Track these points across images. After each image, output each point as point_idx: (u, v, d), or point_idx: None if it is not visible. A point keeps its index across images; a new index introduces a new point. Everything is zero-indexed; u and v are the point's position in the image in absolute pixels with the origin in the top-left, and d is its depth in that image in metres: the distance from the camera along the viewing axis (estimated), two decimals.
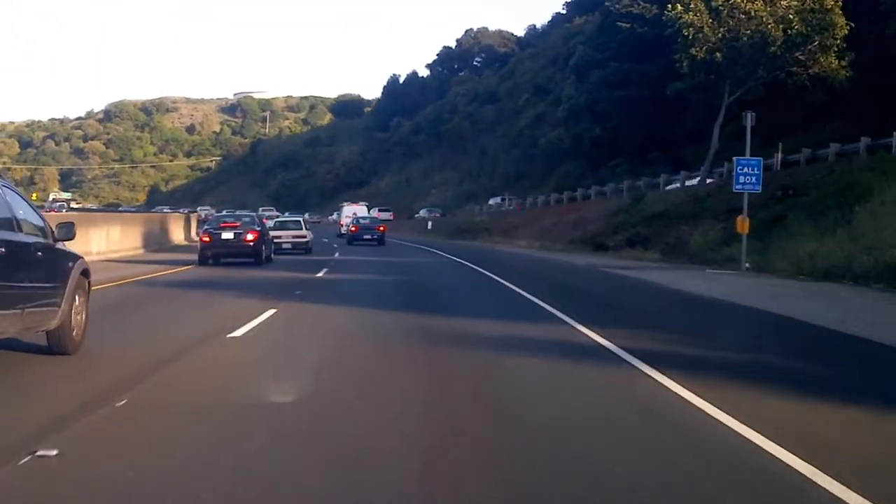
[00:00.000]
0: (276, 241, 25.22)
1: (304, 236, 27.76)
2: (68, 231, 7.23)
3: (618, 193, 36.29)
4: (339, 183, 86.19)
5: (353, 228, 36.08)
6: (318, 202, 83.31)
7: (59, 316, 6.67)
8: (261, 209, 65.72)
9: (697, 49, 23.96)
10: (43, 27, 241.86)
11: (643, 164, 44.11)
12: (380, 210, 61.63)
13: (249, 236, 20.55)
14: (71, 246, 7.71)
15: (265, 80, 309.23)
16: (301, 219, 31.79)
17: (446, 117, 78.93)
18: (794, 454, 4.18)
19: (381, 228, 35.86)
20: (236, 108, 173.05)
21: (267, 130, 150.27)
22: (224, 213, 32.23)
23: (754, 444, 4.45)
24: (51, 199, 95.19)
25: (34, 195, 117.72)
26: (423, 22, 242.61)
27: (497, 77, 79.56)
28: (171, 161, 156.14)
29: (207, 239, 20.61)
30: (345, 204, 50.01)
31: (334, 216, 52.81)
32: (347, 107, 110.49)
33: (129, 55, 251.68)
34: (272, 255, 22.72)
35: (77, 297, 7.05)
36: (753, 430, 4.66)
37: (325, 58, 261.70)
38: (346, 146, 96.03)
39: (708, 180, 29.04)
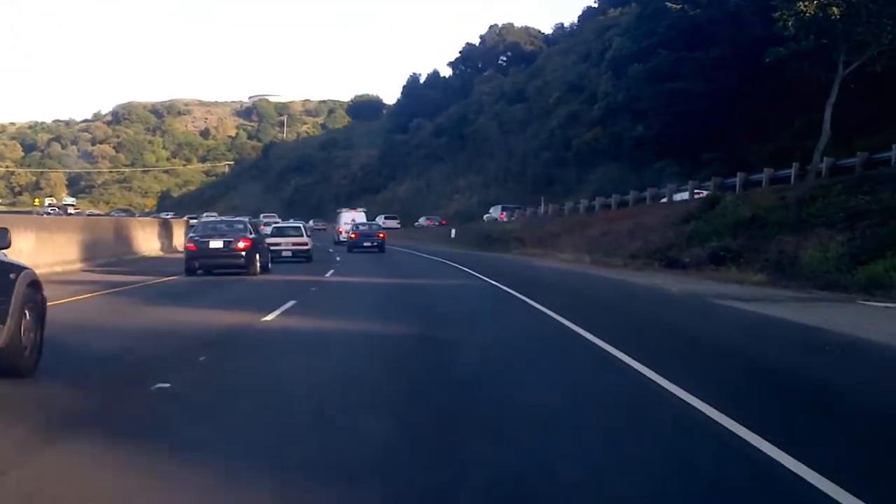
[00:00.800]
0: (273, 248, 23.94)
1: (305, 244, 26.75)
2: (2, 238, 6.48)
3: (678, 196, 31.36)
4: (356, 188, 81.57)
5: (352, 235, 35.35)
6: (333, 208, 78.58)
7: (3, 334, 6.02)
8: (262, 215, 62.38)
9: (806, 3, 18.71)
10: (44, 26, 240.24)
11: (696, 166, 39.05)
12: (386, 217, 58.92)
13: (241, 244, 18.97)
14: None
15: (281, 83, 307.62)
16: (301, 225, 30.15)
17: (471, 118, 74.13)
18: None
19: (381, 235, 35.36)
20: (252, 112, 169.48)
21: (284, 135, 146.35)
22: (210, 219, 29.72)
23: None
24: (46, 204, 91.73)
25: (36, 200, 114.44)
26: (444, 20, 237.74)
27: (525, 75, 74.69)
28: (184, 166, 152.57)
29: (193, 247, 19.19)
30: (343, 210, 48.70)
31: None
32: (365, 108, 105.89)
33: (136, 55, 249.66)
34: (269, 265, 21.16)
35: (27, 313, 6.44)
36: None
37: (343, 59, 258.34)
38: (364, 149, 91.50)
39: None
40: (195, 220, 48.16)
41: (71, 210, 80.00)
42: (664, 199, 32.59)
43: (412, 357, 8.09)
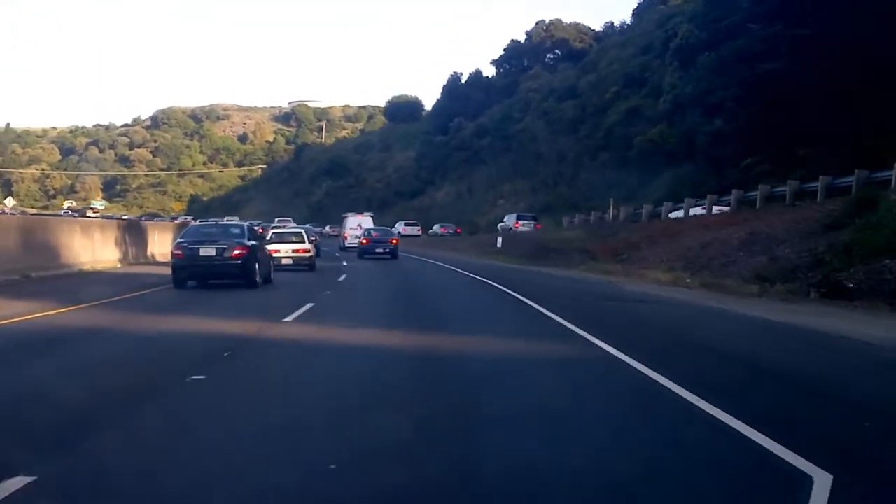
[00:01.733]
0: (273, 255, 21.67)
1: (307, 251, 24.98)
2: None
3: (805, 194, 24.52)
4: (390, 192, 75.70)
5: (364, 241, 33.71)
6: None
7: None
8: (276, 219, 58.11)
9: None
10: (90, 33, 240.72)
11: (792, 164, 32.18)
12: (406, 224, 56.49)
13: (236, 252, 16.70)
14: None
15: (321, 89, 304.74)
16: (303, 230, 27.90)
17: (516, 116, 67.79)
18: None
19: (394, 242, 33.97)
20: (291, 117, 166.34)
21: (323, 140, 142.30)
22: (200, 221, 27.87)
23: None
24: (65, 206, 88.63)
25: (64, 203, 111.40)
26: (488, 17, 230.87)
27: (576, 70, 68.15)
28: (220, 171, 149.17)
29: (180, 255, 16.81)
30: (349, 215, 46.42)
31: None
32: (402, 109, 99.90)
33: (178, 61, 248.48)
34: (272, 275, 18.90)
35: None
36: None
37: (384, 62, 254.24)
38: (401, 152, 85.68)
39: None
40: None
41: (90, 213, 75.78)
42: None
43: None
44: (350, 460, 4.66)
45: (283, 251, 24.18)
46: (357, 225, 40.83)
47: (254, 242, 17.67)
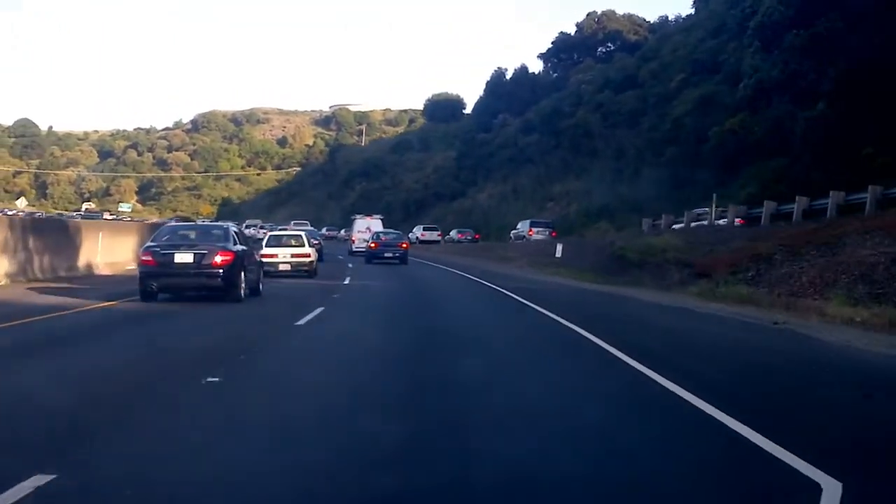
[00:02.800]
0: (269, 261, 21.09)
1: (307, 255, 22.94)
2: None
3: None
4: (428, 194, 69.65)
5: (372, 245, 32.46)
6: (401, 217, 67.15)
7: None
8: (292, 222, 54.13)
9: None
10: (135, 38, 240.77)
11: None
12: (425, 229, 53.54)
13: (217, 259, 14.02)
14: None
15: (362, 92, 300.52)
16: (303, 233, 25.63)
17: (567, 111, 61.32)
18: None
19: (404, 246, 32.72)
20: (331, 121, 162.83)
21: (363, 144, 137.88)
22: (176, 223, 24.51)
23: None
24: (83, 208, 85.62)
25: (93, 204, 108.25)
26: (534, 10, 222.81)
27: (635, 59, 61.45)
28: (258, 175, 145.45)
29: (150, 261, 14.02)
30: (357, 217, 44.37)
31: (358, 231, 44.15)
32: (443, 108, 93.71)
33: (222, 65, 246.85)
34: (261, 286, 16.25)
35: None
36: None
37: (425, 65, 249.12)
38: (441, 152, 79.72)
39: None
40: (258, 228, 38.02)
41: (107, 216, 71.65)
42: None
43: None
44: None
45: (281, 256, 22.37)
46: (366, 228, 38.92)
47: (240, 247, 14.94)
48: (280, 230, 32.89)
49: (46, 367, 7.92)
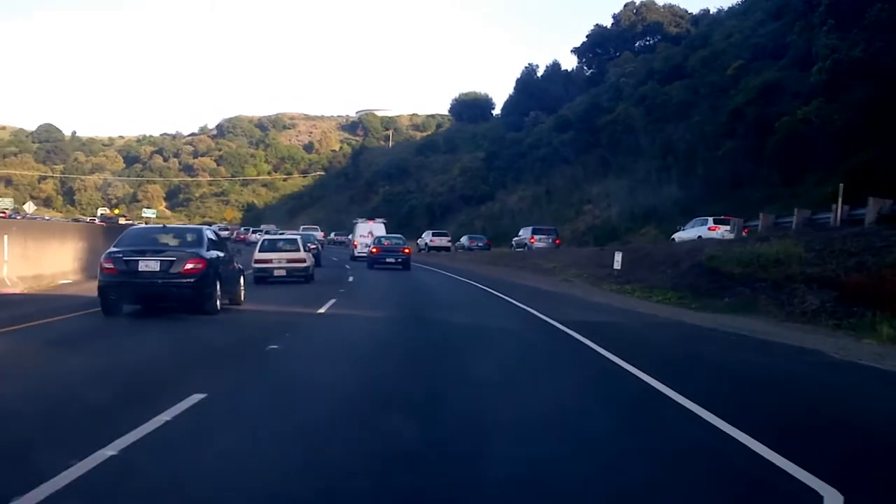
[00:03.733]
0: (264, 266, 21.38)
1: (303, 260, 21.99)
2: None
3: None
4: (455, 197, 64.77)
5: (374, 250, 31.79)
6: (427, 222, 62.59)
7: None
8: (302, 227, 51.24)
9: None
10: (158, 43, 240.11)
11: None
12: (434, 234, 50.51)
13: (188, 266, 12.45)
14: None
15: (389, 97, 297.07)
16: (298, 237, 24.56)
17: (605, 106, 56.19)
18: None
19: (407, 251, 31.69)
20: (357, 126, 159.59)
21: (389, 146, 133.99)
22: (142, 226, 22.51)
23: None
24: (98, 214, 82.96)
25: (116, 210, 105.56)
26: (566, 3, 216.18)
27: (682, 48, 56.13)
28: (284, 180, 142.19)
29: (112, 269, 12.37)
30: (359, 221, 43.02)
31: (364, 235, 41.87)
32: (470, 108, 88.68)
33: (247, 71, 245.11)
34: (243, 294, 14.95)
35: None
36: None
37: (452, 68, 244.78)
38: (468, 153, 74.91)
39: None
40: (226, 233, 35.67)
41: (122, 221, 68.28)
42: None
43: None
44: None
45: (276, 261, 21.77)
46: (368, 232, 37.76)
47: (215, 253, 13.43)
48: (277, 234, 32.42)
49: None
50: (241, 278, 15.18)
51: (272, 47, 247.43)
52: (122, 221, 66.67)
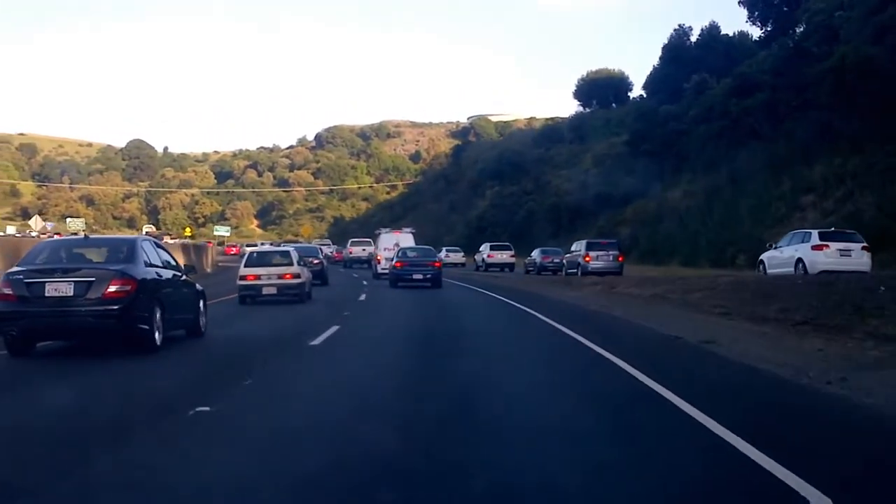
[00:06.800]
0: (251, 283, 19.12)
1: (297, 276, 19.65)
2: None
3: None
4: (587, 197, 47.21)
5: (397, 264, 26.85)
6: (551, 231, 45.92)
7: None
8: (350, 241, 45.32)
9: None
10: (258, 55, 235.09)
11: None
12: (493, 248, 41.40)
13: (111, 289, 9.85)
14: None
15: (504, 101, 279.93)
16: (291, 250, 21.37)
17: (815, 51, 37.71)
18: None
19: (437, 265, 26.96)
20: (469, 132, 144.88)
21: (499, 141, 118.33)
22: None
23: None
24: (144, 232, 72.55)
25: (188, 231, 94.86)
26: None
27: None
28: (388, 193, 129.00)
29: (10, 294, 9.83)
30: (383, 231, 36.32)
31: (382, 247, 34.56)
32: (601, 88, 70.96)
33: (349, 80, 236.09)
34: (203, 325, 12.34)
35: None
36: None
37: (575, 63, 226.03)
38: (603, 140, 57.62)
39: None
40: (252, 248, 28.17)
41: (169, 240, 55.55)
42: None
43: None
44: None
45: (265, 278, 19.12)
46: (393, 245, 32.95)
47: (153, 271, 10.68)
48: (269, 247, 28.69)
49: None
50: (201, 302, 12.35)
51: (376, 52, 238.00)
52: (168, 240, 53.76)
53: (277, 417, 6.40)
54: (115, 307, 9.70)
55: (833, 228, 21.36)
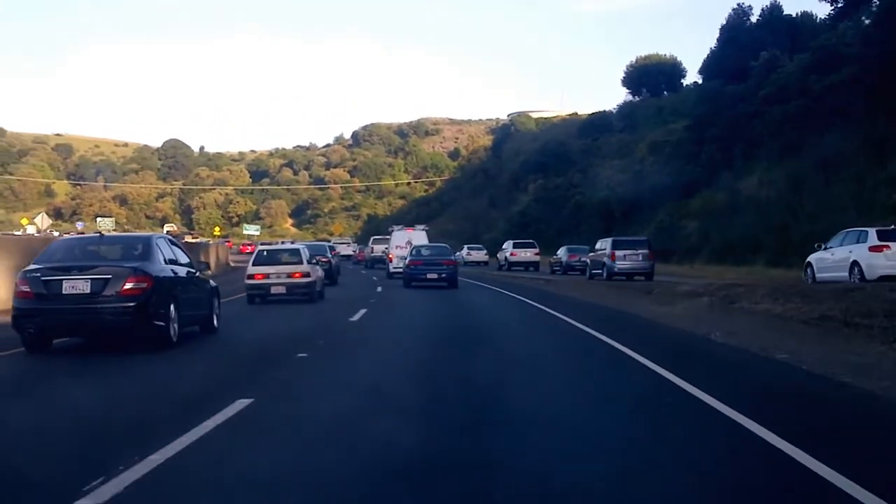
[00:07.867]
0: (259, 283, 18.49)
1: (307, 274, 18.95)
2: None
3: None
4: (643, 189, 42.32)
5: (410, 263, 26.12)
6: (602, 228, 41.36)
7: None
8: (371, 239, 44.95)
9: None
10: (295, 54, 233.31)
11: None
12: (516, 245, 38.38)
13: (127, 286, 9.91)
14: None
15: (545, 96, 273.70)
16: (301, 248, 20.77)
17: None
18: None
19: (451, 263, 26.03)
20: (509, 129, 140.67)
21: (542, 132, 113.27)
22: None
23: None
24: (165, 231, 69.94)
25: (217, 229, 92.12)
26: None
27: None
28: (426, 191, 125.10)
29: (28, 293, 9.90)
30: (395, 229, 35.56)
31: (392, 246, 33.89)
32: (653, 74, 65.89)
33: (387, 78, 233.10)
34: (216, 321, 12.42)
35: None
36: None
37: (624, 47, 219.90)
38: (657, 127, 52.70)
39: None
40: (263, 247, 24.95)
41: (190, 239, 52.64)
42: None
43: None
44: None
45: (274, 277, 18.50)
46: (405, 243, 32.14)
47: (169, 269, 10.79)
48: (279, 245, 26.21)
49: None
50: (215, 299, 12.68)
51: (414, 49, 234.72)
52: (188, 238, 50.63)
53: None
54: (132, 304, 9.82)
55: (893, 226, 17.63)
